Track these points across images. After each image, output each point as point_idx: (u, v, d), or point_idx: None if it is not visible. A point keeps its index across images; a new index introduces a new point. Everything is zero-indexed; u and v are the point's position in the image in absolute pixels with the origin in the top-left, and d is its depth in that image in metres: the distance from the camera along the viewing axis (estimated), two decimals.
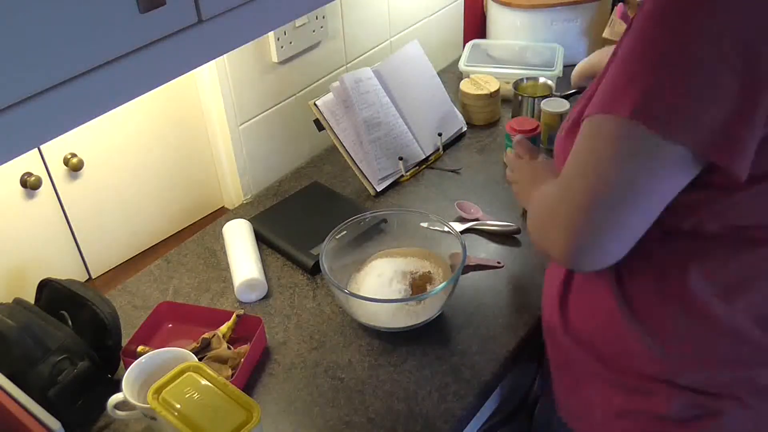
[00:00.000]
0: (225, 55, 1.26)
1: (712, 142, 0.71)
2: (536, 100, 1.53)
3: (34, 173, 1.10)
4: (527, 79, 1.61)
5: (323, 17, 1.42)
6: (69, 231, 1.20)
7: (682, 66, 0.70)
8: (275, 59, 1.36)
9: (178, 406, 0.86)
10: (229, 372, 1.02)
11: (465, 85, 1.61)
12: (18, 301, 1.02)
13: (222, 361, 1.03)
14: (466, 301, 1.17)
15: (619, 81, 0.74)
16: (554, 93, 1.57)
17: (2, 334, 0.95)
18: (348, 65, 1.56)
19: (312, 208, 1.37)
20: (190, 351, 1.01)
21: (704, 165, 0.74)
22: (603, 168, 0.75)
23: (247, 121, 1.36)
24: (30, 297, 1.06)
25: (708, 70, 0.69)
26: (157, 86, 0.76)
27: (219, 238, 1.33)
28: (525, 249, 1.27)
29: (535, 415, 1.35)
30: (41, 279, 1.07)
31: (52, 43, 0.64)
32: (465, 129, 1.60)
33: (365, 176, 1.43)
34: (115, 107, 0.73)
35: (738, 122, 0.70)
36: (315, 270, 1.23)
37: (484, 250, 1.27)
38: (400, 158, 1.45)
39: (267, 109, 1.40)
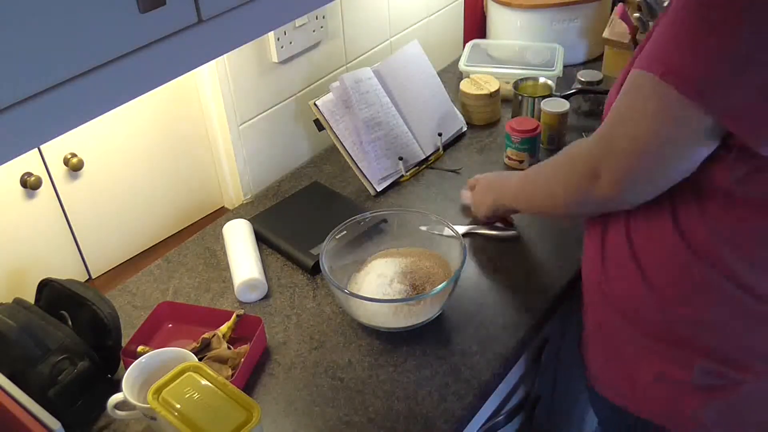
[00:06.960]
0: (225, 55, 1.26)
1: (738, 116, 0.75)
2: (536, 100, 1.53)
3: (34, 173, 1.10)
4: (527, 79, 1.61)
5: (323, 17, 1.42)
6: (69, 231, 1.20)
7: (725, 39, 0.73)
8: (275, 59, 1.36)
9: (178, 406, 0.86)
10: (229, 372, 1.02)
11: (465, 85, 1.61)
12: (18, 301, 1.02)
13: (222, 361, 1.03)
14: (466, 301, 1.17)
15: (663, 42, 0.79)
16: (554, 93, 1.56)
17: (2, 334, 0.95)
18: (348, 65, 1.56)
19: (312, 208, 1.37)
20: (190, 351, 1.01)
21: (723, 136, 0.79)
22: (638, 121, 0.82)
23: (247, 121, 1.36)
24: (30, 297, 1.06)
25: (749, 45, 0.72)
26: (157, 86, 0.76)
27: (219, 238, 1.33)
28: (525, 250, 1.27)
29: (535, 415, 1.35)
30: (41, 279, 1.07)
31: (53, 43, 0.64)
32: (465, 129, 1.60)
33: (365, 176, 1.43)
34: (115, 107, 0.73)
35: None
36: (315, 270, 1.23)
37: (485, 251, 1.27)
38: (400, 158, 1.45)
39: (267, 109, 1.40)
